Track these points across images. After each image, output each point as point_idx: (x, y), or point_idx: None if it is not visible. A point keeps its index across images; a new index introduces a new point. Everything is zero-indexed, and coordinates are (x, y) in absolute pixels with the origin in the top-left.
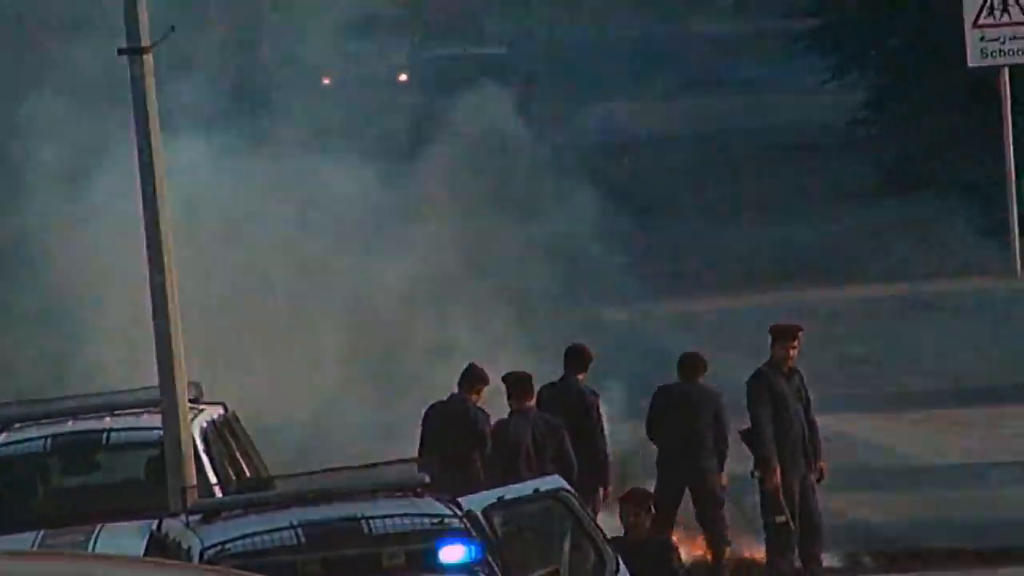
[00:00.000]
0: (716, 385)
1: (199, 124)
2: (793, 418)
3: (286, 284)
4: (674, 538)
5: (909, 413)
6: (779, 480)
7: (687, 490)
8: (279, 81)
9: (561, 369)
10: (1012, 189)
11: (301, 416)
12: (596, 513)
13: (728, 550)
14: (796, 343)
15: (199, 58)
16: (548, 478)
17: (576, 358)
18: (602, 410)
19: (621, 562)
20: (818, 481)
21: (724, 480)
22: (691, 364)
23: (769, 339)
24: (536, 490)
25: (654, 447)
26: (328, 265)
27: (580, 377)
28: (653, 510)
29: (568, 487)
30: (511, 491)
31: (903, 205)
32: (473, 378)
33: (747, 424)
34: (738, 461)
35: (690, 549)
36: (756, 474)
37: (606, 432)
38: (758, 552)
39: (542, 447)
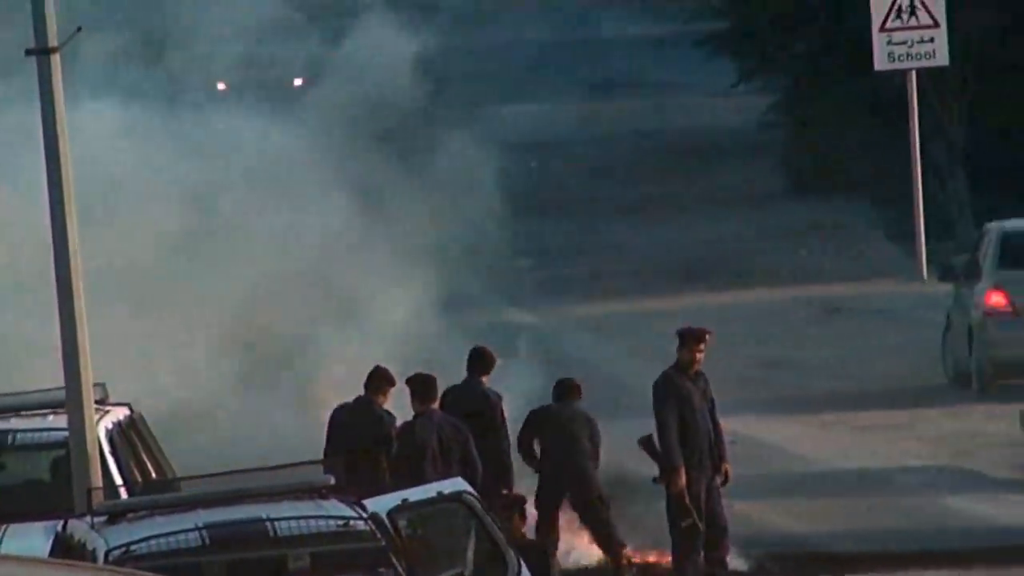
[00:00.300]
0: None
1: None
2: (699, 421)
3: (183, 262)
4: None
5: (817, 416)
6: (684, 484)
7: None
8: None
9: (464, 371)
10: (919, 193)
11: (202, 414)
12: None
13: (625, 552)
14: (703, 346)
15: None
16: (450, 481)
17: (479, 360)
18: (506, 413)
19: (523, 565)
20: (723, 484)
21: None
22: (568, 388)
23: (676, 341)
24: (439, 493)
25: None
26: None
27: (483, 379)
28: (526, 514)
29: (470, 490)
30: (414, 493)
31: (811, 208)
32: (379, 379)
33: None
34: (647, 465)
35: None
36: (659, 479)
37: (509, 434)
38: (664, 556)
39: (448, 449)
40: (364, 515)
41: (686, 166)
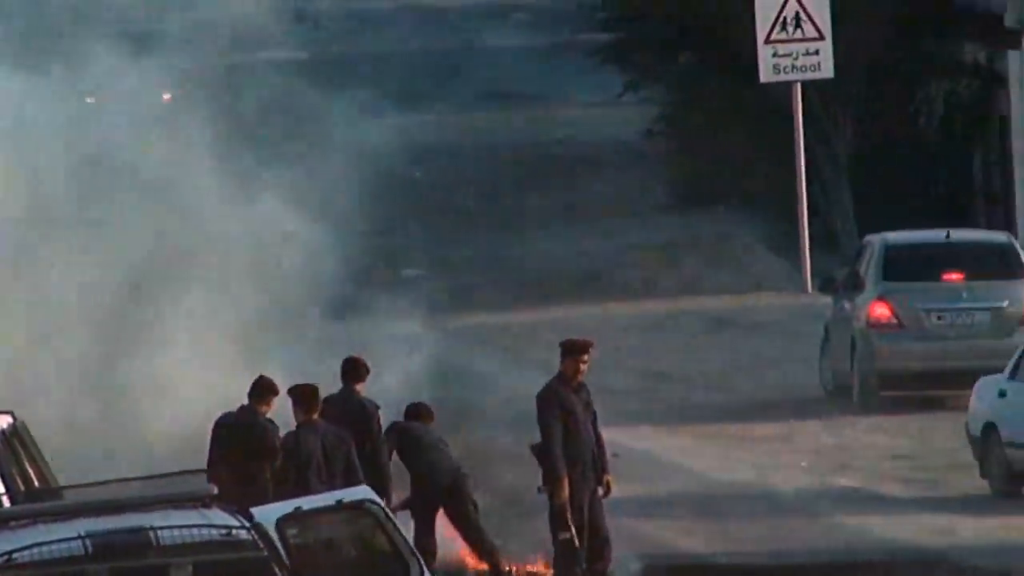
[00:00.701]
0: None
1: None
2: (583, 433)
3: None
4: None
5: (700, 428)
6: (567, 495)
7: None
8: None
9: (339, 381)
10: (803, 205)
11: (84, 420)
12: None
13: (498, 555)
14: (586, 357)
15: None
16: (354, 488)
17: (352, 370)
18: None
19: (427, 571)
20: (604, 495)
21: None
22: (421, 411)
23: (560, 353)
24: (339, 501)
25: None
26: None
27: (358, 388)
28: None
29: (373, 498)
30: (310, 501)
31: (695, 221)
32: (263, 390)
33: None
34: (532, 474)
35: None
36: (544, 489)
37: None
38: (547, 566)
39: (332, 459)
40: (247, 524)
41: (570, 177)
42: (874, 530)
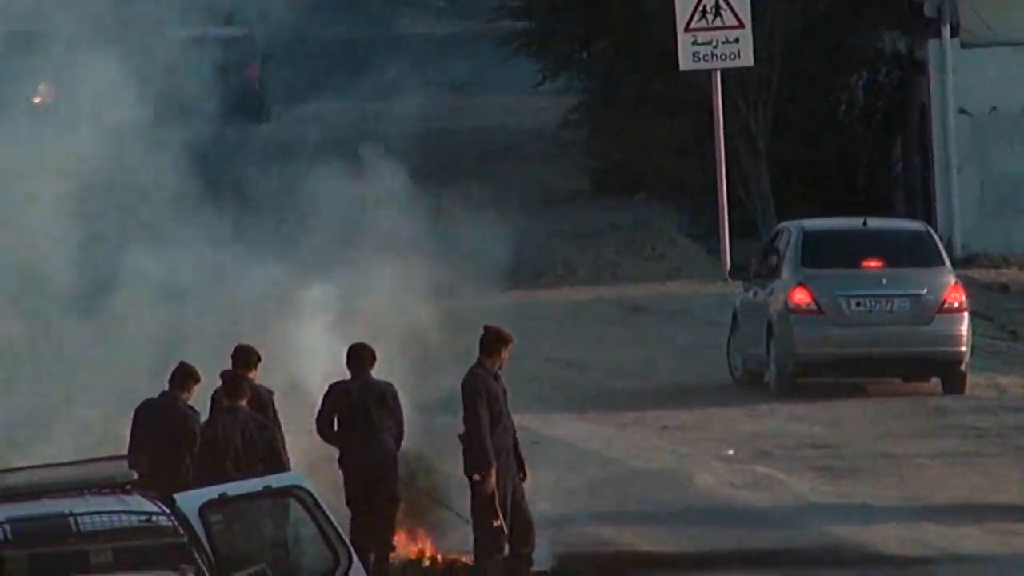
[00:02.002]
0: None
1: None
2: (506, 420)
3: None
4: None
5: (616, 416)
6: (495, 483)
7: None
8: None
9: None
10: (723, 193)
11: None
12: None
13: (390, 550)
14: (510, 347)
15: None
16: (284, 475)
17: (243, 357)
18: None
19: (355, 560)
20: (521, 481)
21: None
22: (359, 356)
23: (480, 341)
24: (268, 486)
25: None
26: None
27: (251, 375)
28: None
29: (303, 484)
30: (236, 487)
31: (613, 209)
32: (185, 376)
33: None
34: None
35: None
36: (476, 477)
37: (282, 428)
38: (463, 554)
39: (252, 447)
40: (167, 511)
41: (488, 166)
42: (793, 519)
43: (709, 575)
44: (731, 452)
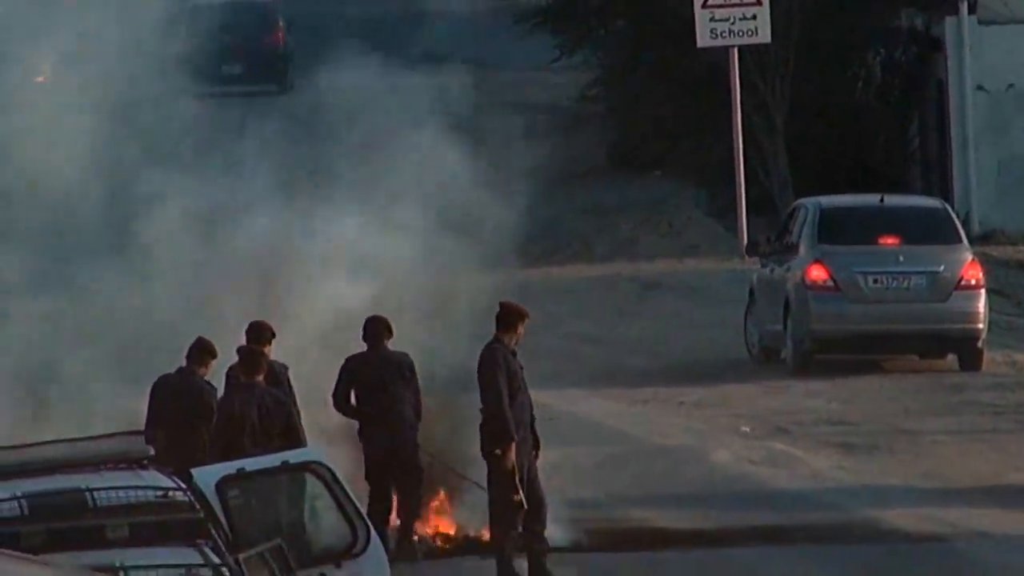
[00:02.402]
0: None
1: None
2: (523, 396)
3: None
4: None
5: (634, 392)
6: (515, 458)
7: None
8: None
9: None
10: (740, 170)
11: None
12: None
13: (418, 523)
14: (526, 322)
15: None
16: (301, 450)
17: (257, 333)
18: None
19: (374, 537)
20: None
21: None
22: (375, 329)
23: (496, 317)
24: (285, 462)
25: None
26: None
27: (266, 350)
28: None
29: (322, 459)
30: (253, 463)
31: (630, 186)
32: (202, 351)
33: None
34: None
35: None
36: (497, 451)
37: (298, 404)
38: (479, 530)
39: (268, 422)
40: (183, 486)
41: (504, 142)
42: (812, 495)
43: (725, 551)
44: (747, 429)
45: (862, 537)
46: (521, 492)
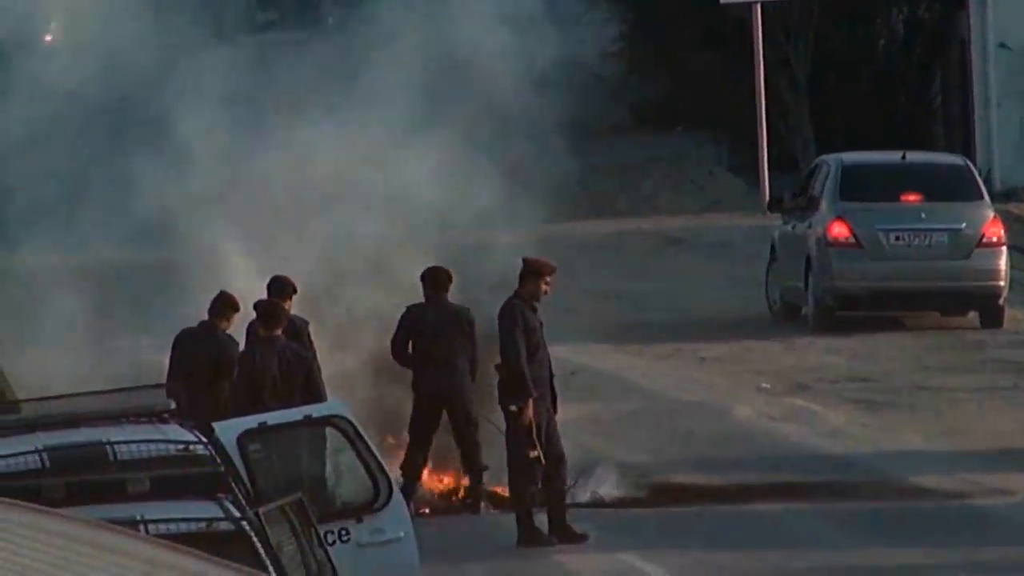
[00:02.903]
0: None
1: None
2: (543, 352)
3: None
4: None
5: (655, 348)
6: (532, 414)
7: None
8: None
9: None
10: (763, 126)
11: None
12: None
13: (485, 475)
14: (550, 279)
15: None
16: (324, 404)
17: (278, 287)
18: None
19: (396, 491)
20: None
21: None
22: (435, 279)
23: (520, 272)
24: (308, 416)
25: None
26: None
27: (287, 304)
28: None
29: (344, 413)
30: (275, 417)
31: (653, 141)
32: (223, 305)
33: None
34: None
35: (438, 478)
36: (513, 407)
37: (318, 358)
38: (498, 486)
39: (290, 376)
40: (204, 440)
41: (526, 97)
42: (832, 452)
43: (746, 507)
44: (766, 385)
45: (882, 494)
46: (539, 448)
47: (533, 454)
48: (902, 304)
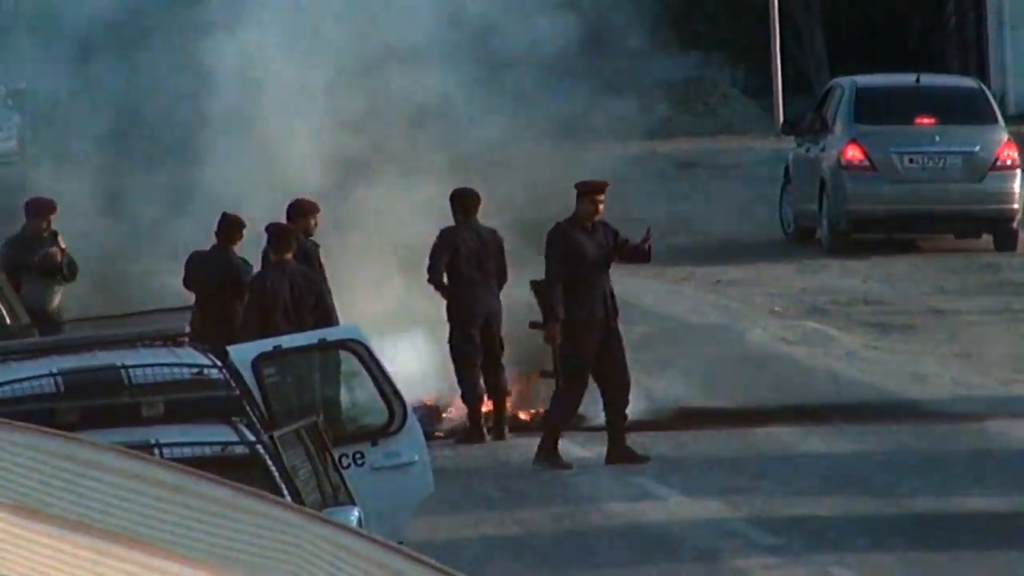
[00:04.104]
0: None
1: None
2: (589, 274)
3: None
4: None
5: (669, 271)
6: (557, 334)
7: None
8: None
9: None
10: (776, 49)
11: None
12: None
13: (509, 400)
14: (602, 197)
15: None
16: (339, 327)
17: (298, 211)
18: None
19: (411, 415)
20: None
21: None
22: (466, 202)
23: (575, 194)
24: (323, 339)
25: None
26: None
27: (312, 224)
28: None
29: (359, 337)
30: (290, 340)
31: (667, 65)
32: (230, 227)
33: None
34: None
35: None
36: (535, 324)
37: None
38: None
39: (301, 301)
40: (219, 363)
41: (536, 18)
42: (845, 375)
43: (760, 430)
44: (780, 309)
45: (896, 416)
46: (558, 373)
47: (545, 374)
48: (916, 227)
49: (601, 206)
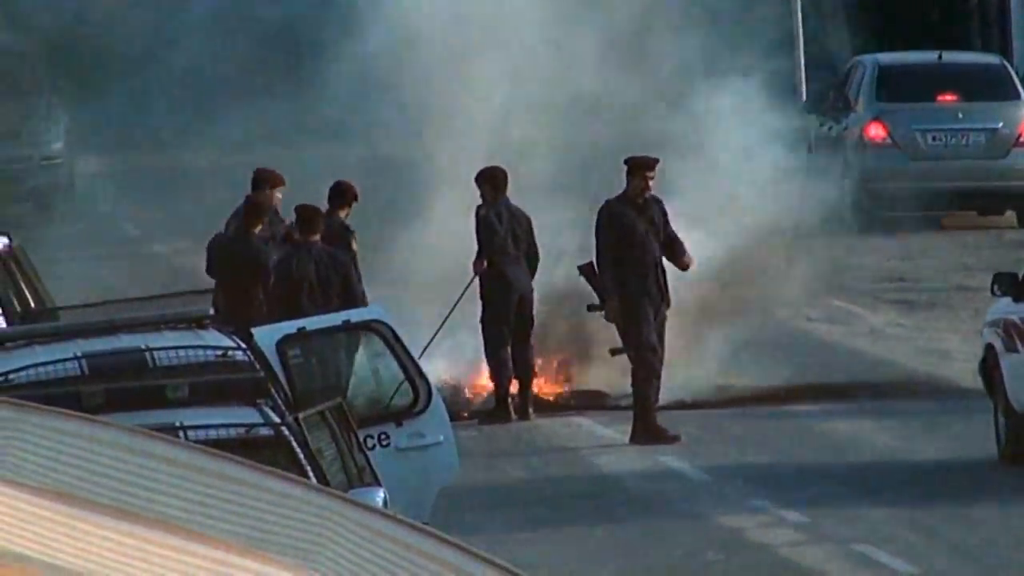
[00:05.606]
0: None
1: None
2: (638, 250)
3: None
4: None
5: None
6: (614, 315)
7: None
8: None
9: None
10: (798, 27)
11: None
12: None
13: (535, 380)
14: (652, 173)
15: None
16: (363, 308)
17: (338, 193)
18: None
19: (435, 395)
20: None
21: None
22: (496, 179)
23: (625, 171)
24: (347, 320)
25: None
26: None
27: (342, 213)
28: None
29: (382, 318)
30: (314, 322)
31: (683, 45)
32: (253, 209)
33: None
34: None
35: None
36: (593, 306)
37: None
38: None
39: (327, 282)
40: (243, 345)
41: None
42: (867, 352)
43: (784, 408)
44: (796, 286)
45: (920, 393)
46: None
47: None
48: (939, 204)
49: (649, 182)
